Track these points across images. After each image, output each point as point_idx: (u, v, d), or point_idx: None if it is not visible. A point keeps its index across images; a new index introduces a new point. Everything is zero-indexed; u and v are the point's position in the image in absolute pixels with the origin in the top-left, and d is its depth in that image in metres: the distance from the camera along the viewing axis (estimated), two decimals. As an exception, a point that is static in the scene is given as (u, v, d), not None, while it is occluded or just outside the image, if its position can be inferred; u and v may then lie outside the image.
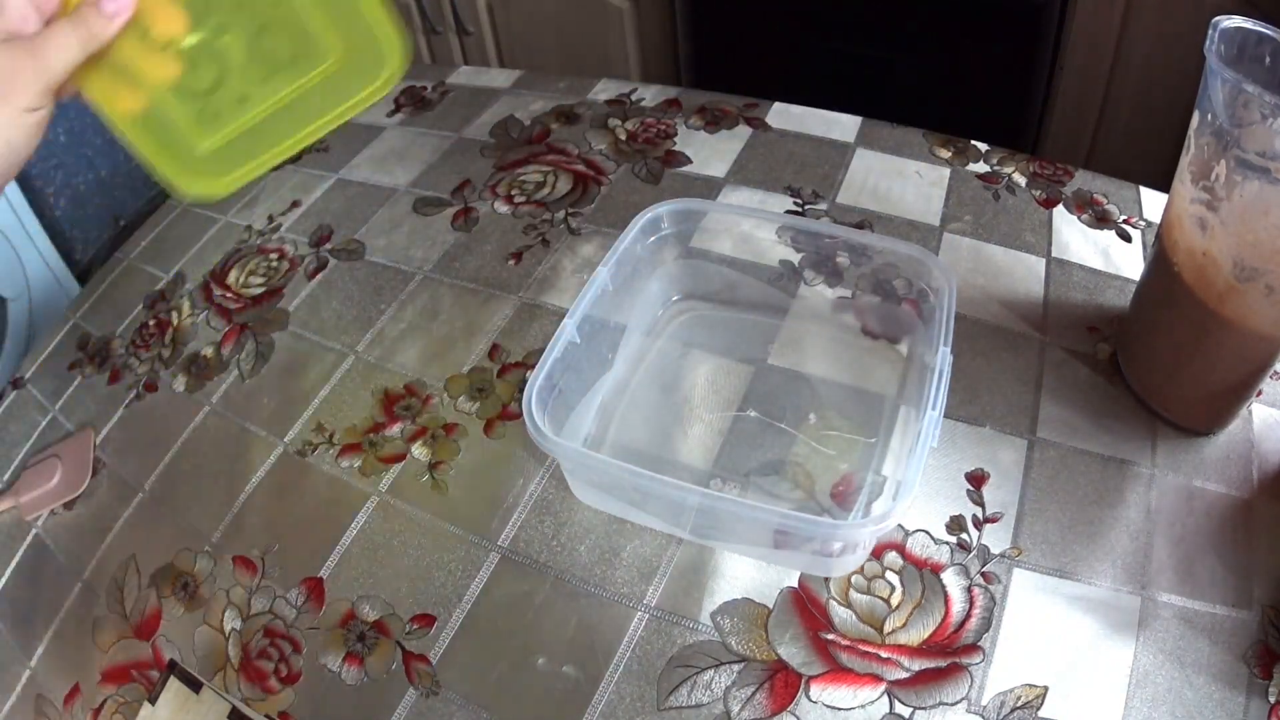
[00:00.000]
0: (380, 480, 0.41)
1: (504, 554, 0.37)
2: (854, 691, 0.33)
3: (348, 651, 0.35)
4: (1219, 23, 0.33)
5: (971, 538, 0.37)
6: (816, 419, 0.40)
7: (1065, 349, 0.44)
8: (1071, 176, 0.53)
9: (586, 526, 0.38)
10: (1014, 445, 0.40)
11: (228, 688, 0.34)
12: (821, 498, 0.38)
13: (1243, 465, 0.39)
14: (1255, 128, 0.31)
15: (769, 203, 0.53)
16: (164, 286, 0.56)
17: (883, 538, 0.37)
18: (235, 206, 0.60)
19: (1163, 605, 0.35)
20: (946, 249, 0.49)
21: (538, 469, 0.40)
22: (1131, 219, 0.51)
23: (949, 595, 0.35)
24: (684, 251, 0.45)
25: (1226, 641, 0.34)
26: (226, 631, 0.36)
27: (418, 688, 0.34)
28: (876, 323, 0.45)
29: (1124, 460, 0.39)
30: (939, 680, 0.33)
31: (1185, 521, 0.37)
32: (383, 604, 0.36)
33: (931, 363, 0.35)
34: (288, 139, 0.32)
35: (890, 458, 0.39)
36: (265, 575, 0.38)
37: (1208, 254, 0.35)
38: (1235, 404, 0.39)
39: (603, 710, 0.33)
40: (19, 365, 0.55)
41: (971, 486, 0.38)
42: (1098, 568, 0.36)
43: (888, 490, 0.37)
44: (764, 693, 0.33)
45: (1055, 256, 0.48)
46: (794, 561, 0.36)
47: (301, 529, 0.39)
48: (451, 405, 0.43)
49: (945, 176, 0.54)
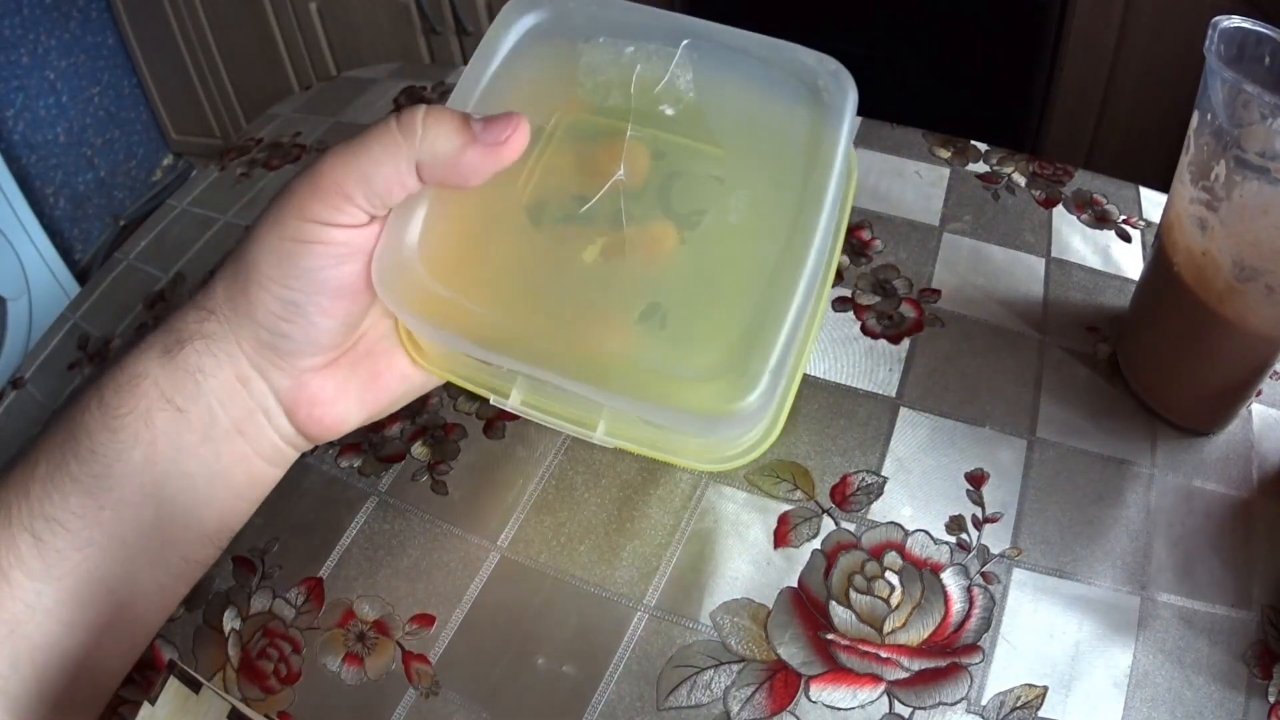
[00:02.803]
0: (380, 480, 0.41)
1: (504, 554, 0.37)
2: (854, 692, 0.33)
3: (347, 651, 0.35)
4: (1219, 23, 0.33)
5: (971, 538, 0.37)
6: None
7: (1065, 349, 0.44)
8: (1071, 176, 0.53)
9: (587, 526, 0.38)
10: (1013, 445, 0.40)
11: (227, 688, 0.34)
12: (821, 498, 0.38)
13: (1243, 465, 0.39)
14: (1255, 128, 0.31)
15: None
16: (164, 286, 0.56)
17: (883, 538, 0.37)
18: (235, 206, 0.60)
19: (1162, 605, 0.35)
20: (946, 249, 0.49)
21: (538, 469, 0.40)
22: (1131, 219, 0.51)
23: (949, 595, 0.35)
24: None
25: (1226, 641, 0.34)
26: (226, 631, 0.36)
27: (417, 688, 0.34)
28: (876, 322, 0.45)
29: (1123, 460, 0.39)
30: (939, 680, 0.33)
31: (1185, 521, 0.37)
32: (382, 604, 0.36)
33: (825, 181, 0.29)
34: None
35: (890, 458, 0.39)
36: (265, 575, 0.38)
37: (1208, 254, 0.35)
38: (1235, 404, 0.39)
39: (602, 710, 0.33)
40: (19, 365, 0.55)
41: (971, 486, 0.38)
42: (1097, 568, 0.36)
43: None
44: (764, 693, 0.33)
45: (1055, 256, 0.48)
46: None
47: (301, 529, 0.39)
48: (451, 405, 0.43)
49: (945, 176, 0.54)
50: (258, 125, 0.69)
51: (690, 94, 0.30)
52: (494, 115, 0.28)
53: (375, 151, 0.27)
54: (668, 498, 0.38)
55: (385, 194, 0.28)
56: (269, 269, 0.28)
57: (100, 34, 1.75)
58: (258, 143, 0.66)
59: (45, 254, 1.50)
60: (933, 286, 0.47)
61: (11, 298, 1.42)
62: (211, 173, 0.64)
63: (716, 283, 0.29)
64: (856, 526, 0.37)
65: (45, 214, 1.58)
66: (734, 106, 0.31)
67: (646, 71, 0.30)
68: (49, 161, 1.65)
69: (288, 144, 0.64)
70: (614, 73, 0.30)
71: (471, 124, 0.27)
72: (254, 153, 0.65)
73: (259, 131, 0.68)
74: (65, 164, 1.72)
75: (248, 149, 0.65)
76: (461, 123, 0.27)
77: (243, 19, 1.61)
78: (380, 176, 0.27)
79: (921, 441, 0.40)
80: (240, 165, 0.64)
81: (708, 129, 0.30)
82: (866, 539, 0.37)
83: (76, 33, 1.69)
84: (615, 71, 0.30)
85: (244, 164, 0.64)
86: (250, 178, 0.62)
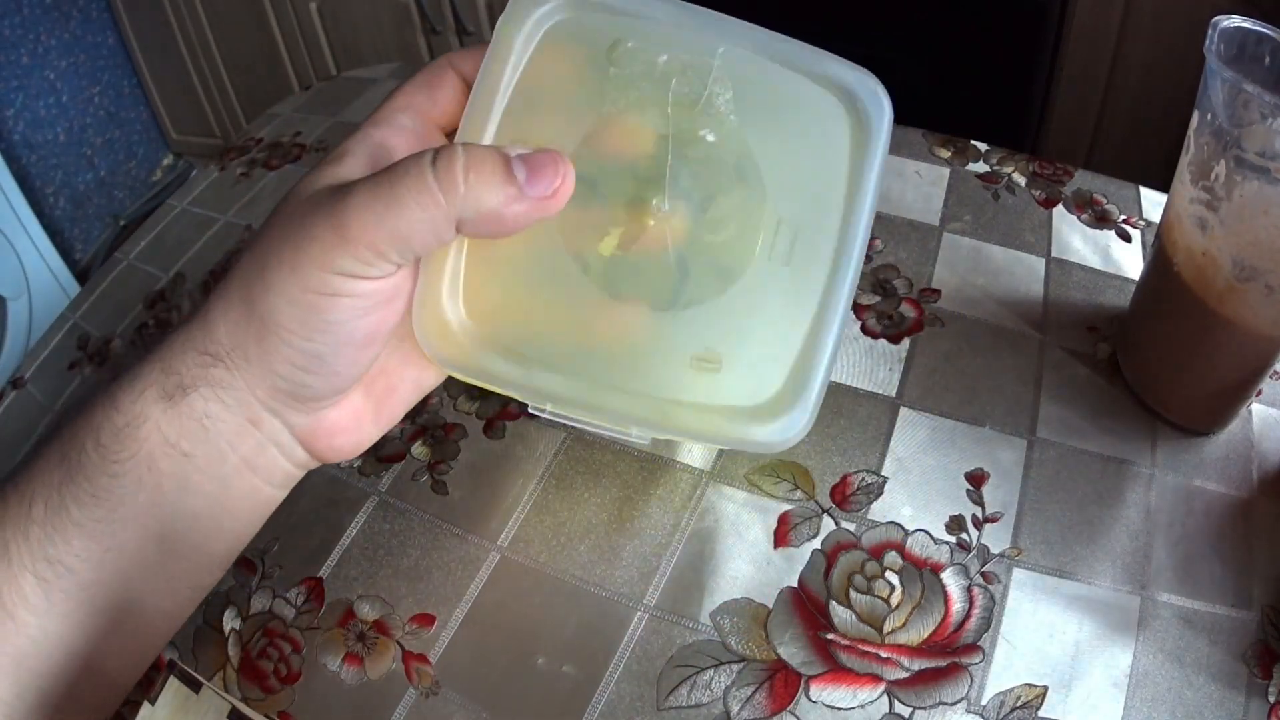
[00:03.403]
0: (380, 480, 0.41)
1: (504, 554, 0.37)
2: (854, 691, 0.33)
3: (347, 651, 0.35)
4: (1219, 23, 0.33)
5: (971, 537, 0.37)
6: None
7: (1065, 348, 0.44)
8: (1071, 176, 0.53)
9: (586, 526, 0.38)
10: (1013, 445, 0.40)
11: (227, 688, 0.34)
12: (821, 498, 0.38)
13: (1243, 465, 0.39)
14: (1255, 127, 0.31)
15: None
16: (164, 286, 0.56)
17: (883, 538, 0.37)
18: (235, 206, 0.60)
19: (1162, 605, 0.35)
20: (946, 248, 0.49)
21: (538, 469, 0.40)
22: (1131, 219, 0.51)
23: (949, 595, 0.35)
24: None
25: (1226, 641, 0.34)
26: (226, 631, 0.36)
27: (417, 688, 0.34)
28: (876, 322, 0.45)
29: (1124, 460, 0.39)
30: (939, 680, 0.33)
31: (1185, 521, 0.37)
32: (382, 604, 0.36)
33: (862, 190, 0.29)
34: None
35: (890, 457, 0.39)
36: (265, 575, 0.38)
37: (1208, 254, 0.35)
38: (1235, 404, 0.39)
39: (603, 710, 0.33)
40: (19, 365, 0.55)
41: (971, 486, 0.38)
42: (1097, 567, 0.36)
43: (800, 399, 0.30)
44: (764, 692, 0.33)
45: (1055, 256, 0.48)
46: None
47: (301, 529, 0.39)
48: (451, 405, 0.43)
49: (945, 176, 0.54)
50: (258, 125, 0.69)
51: (731, 117, 0.29)
52: (536, 157, 0.26)
53: (411, 208, 0.24)
54: (668, 498, 0.38)
55: (420, 249, 0.26)
56: (289, 321, 0.25)
57: (100, 34, 1.75)
58: (258, 143, 0.66)
59: (45, 254, 1.50)
60: (933, 286, 0.47)
61: (11, 298, 1.42)
62: (211, 173, 0.64)
63: (765, 321, 0.29)
64: (856, 526, 0.37)
65: (45, 214, 1.58)
66: (775, 131, 0.29)
67: (682, 87, 0.28)
68: (49, 161, 1.66)
69: (288, 144, 0.64)
70: (647, 88, 0.29)
71: (515, 171, 0.25)
72: (254, 153, 0.65)
73: (259, 131, 0.68)
74: (65, 164, 1.72)
75: (248, 149, 0.65)
76: (505, 174, 0.25)
77: (243, 19, 1.61)
78: (417, 234, 0.25)
79: (921, 441, 0.40)
80: (240, 165, 0.64)
81: (750, 160, 0.29)
82: (866, 539, 0.37)
83: (76, 33, 1.69)
84: (648, 86, 0.29)
85: (244, 164, 0.64)
86: (250, 178, 0.62)
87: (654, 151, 0.28)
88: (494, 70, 0.29)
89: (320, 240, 0.24)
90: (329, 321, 0.25)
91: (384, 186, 0.24)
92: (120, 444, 0.26)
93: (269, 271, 0.25)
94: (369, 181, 0.25)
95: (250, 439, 0.28)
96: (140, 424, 0.26)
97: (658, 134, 0.28)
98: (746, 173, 0.29)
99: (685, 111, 0.29)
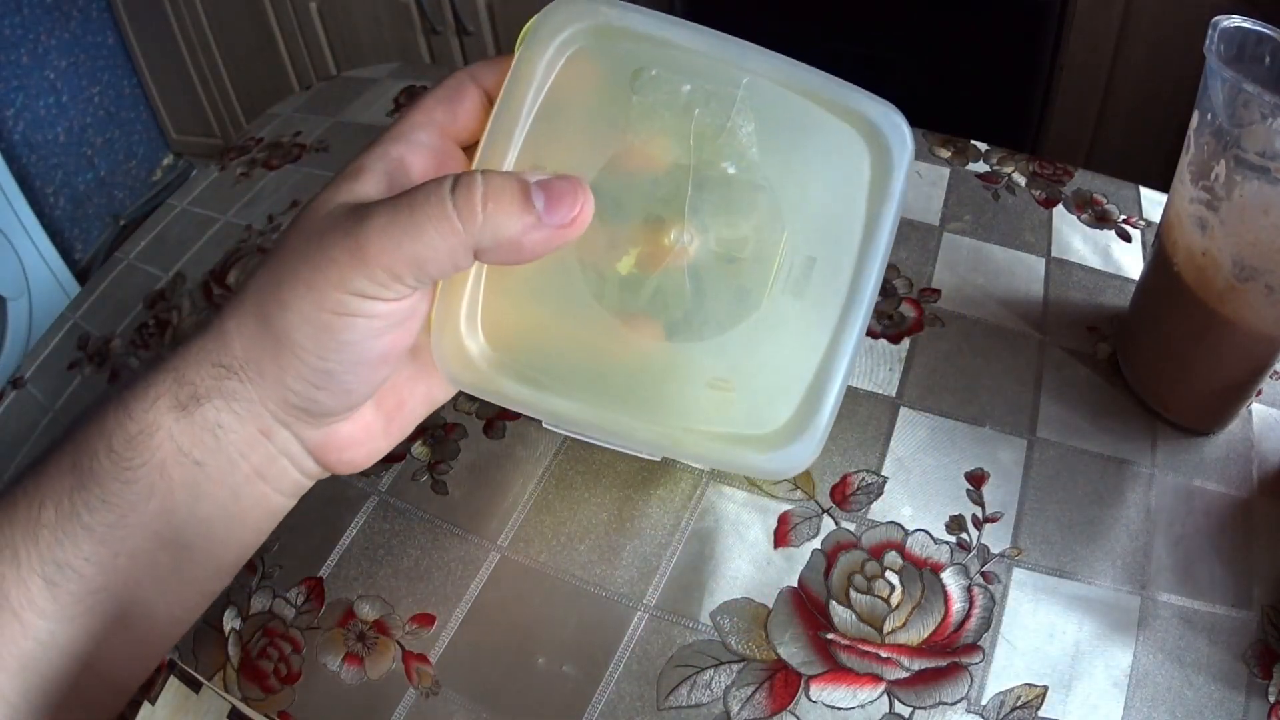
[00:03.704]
0: (380, 480, 0.41)
1: (504, 554, 0.37)
2: (854, 691, 0.33)
3: (347, 651, 0.35)
4: (1219, 22, 0.33)
5: (971, 537, 0.37)
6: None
7: (1065, 348, 0.44)
8: (1071, 176, 0.53)
9: (586, 526, 0.38)
10: (1014, 445, 0.40)
11: (227, 688, 0.34)
12: (821, 498, 0.38)
13: (1243, 465, 0.39)
14: (1255, 127, 0.31)
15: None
16: (164, 286, 0.56)
17: (883, 538, 0.37)
18: (235, 206, 0.60)
19: (1162, 605, 0.35)
20: (946, 248, 0.49)
21: (538, 469, 0.40)
22: (1131, 219, 0.51)
23: (949, 595, 0.35)
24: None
25: (1226, 641, 0.34)
26: (226, 631, 0.36)
27: (417, 688, 0.34)
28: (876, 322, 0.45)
29: (1124, 460, 0.39)
30: (939, 680, 0.33)
31: (1185, 521, 0.37)
32: (382, 604, 0.36)
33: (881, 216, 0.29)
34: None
35: (890, 457, 0.39)
36: (265, 575, 0.38)
37: (1208, 254, 0.35)
38: (1235, 404, 0.39)
39: (603, 710, 0.33)
40: (19, 365, 0.55)
41: (971, 486, 0.38)
42: (1097, 567, 0.36)
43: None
44: (764, 692, 0.33)
45: (1055, 256, 0.48)
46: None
47: (301, 529, 0.39)
48: (451, 405, 0.43)
49: (945, 176, 0.54)
50: (258, 125, 0.69)
51: (753, 149, 0.29)
52: (555, 184, 0.26)
53: (430, 235, 0.24)
54: (668, 498, 0.38)
55: (437, 275, 0.26)
56: (304, 339, 0.26)
57: (100, 34, 1.75)
58: (258, 142, 0.66)
59: (45, 254, 1.50)
60: (933, 286, 0.47)
61: (11, 297, 1.42)
62: (211, 172, 0.64)
63: (778, 351, 0.29)
64: (856, 526, 0.37)
65: (45, 214, 1.58)
66: (796, 163, 0.29)
67: (705, 118, 0.29)
68: (49, 161, 1.66)
69: (288, 144, 0.64)
70: (670, 118, 0.29)
71: (533, 198, 0.25)
72: (254, 152, 0.65)
73: (259, 131, 0.68)
74: (65, 164, 1.72)
75: (248, 149, 0.65)
76: (524, 202, 0.25)
77: (243, 19, 1.61)
78: (434, 261, 0.25)
79: (921, 441, 0.40)
80: (240, 165, 0.64)
81: (770, 192, 0.29)
82: (866, 539, 0.37)
83: (76, 32, 1.69)
84: (671, 116, 0.29)
85: (244, 164, 0.64)
86: (250, 177, 0.62)
87: (674, 181, 0.29)
88: (517, 92, 0.29)
89: (338, 261, 0.25)
90: (343, 341, 0.26)
91: (403, 212, 0.25)
92: (133, 451, 0.27)
93: (285, 289, 0.25)
94: (388, 205, 0.25)
95: (261, 449, 0.28)
96: (153, 432, 0.27)
97: (678, 164, 0.29)
98: (765, 204, 0.29)
99: (707, 142, 0.29)
